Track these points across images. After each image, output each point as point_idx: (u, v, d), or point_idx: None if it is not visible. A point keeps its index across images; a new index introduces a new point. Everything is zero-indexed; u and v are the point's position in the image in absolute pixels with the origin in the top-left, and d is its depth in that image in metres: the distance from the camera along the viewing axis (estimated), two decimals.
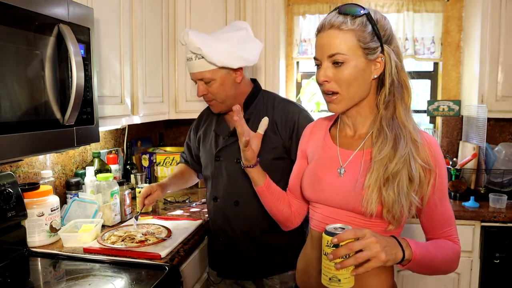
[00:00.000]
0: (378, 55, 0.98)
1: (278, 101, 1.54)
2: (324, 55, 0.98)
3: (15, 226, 1.37)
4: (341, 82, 0.98)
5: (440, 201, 1.00)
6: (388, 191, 0.94)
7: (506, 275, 2.05)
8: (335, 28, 0.96)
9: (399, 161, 0.94)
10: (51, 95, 1.15)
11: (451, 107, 2.61)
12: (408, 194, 0.94)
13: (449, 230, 1.03)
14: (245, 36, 1.50)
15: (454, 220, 1.05)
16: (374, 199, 0.95)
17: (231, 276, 1.57)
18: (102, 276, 1.23)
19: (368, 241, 0.84)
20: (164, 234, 1.53)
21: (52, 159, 1.75)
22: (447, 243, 1.02)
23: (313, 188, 1.10)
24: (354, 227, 0.98)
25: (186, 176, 1.80)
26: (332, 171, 1.06)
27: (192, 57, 1.44)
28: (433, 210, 1.01)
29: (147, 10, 1.96)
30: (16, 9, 1.01)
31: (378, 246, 0.84)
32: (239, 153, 1.50)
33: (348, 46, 0.95)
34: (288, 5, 2.73)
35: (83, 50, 1.27)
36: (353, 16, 0.96)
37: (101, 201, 1.65)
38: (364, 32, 0.96)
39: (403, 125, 0.98)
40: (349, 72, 0.97)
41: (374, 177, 0.95)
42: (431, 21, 2.61)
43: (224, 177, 1.52)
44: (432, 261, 0.97)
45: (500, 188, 2.28)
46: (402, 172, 0.94)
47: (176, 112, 2.31)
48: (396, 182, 0.94)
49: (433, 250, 0.98)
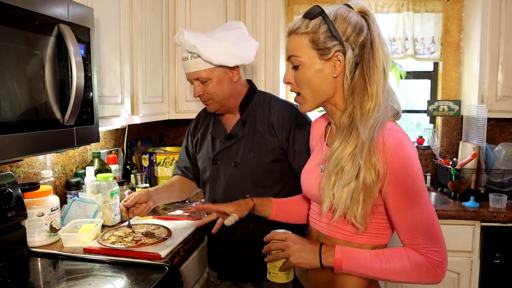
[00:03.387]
0: (334, 54, 0.97)
1: (274, 102, 1.52)
2: (286, 59, 1.05)
3: (15, 226, 1.37)
4: (300, 83, 1.02)
5: (406, 206, 0.94)
6: (336, 189, 0.96)
7: (506, 275, 2.05)
8: (293, 33, 1.01)
9: (343, 159, 0.95)
10: (51, 95, 1.15)
11: (451, 107, 2.62)
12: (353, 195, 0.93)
13: (414, 239, 0.95)
14: (241, 35, 1.48)
15: (431, 229, 0.95)
16: (327, 197, 0.98)
17: (230, 278, 1.57)
18: (102, 276, 1.23)
19: (284, 244, 1.02)
20: (164, 234, 1.53)
21: (52, 159, 1.75)
22: (402, 254, 0.96)
23: (304, 185, 1.15)
24: (329, 222, 1.04)
25: (179, 188, 1.68)
26: (317, 168, 1.09)
27: (188, 56, 1.43)
28: (396, 214, 0.96)
29: (147, 10, 1.96)
30: (16, 9, 1.01)
31: (291, 249, 1.00)
32: (236, 156, 1.50)
33: (302, 49, 0.99)
34: (288, 5, 2.73)
35: (83, 50, 1.27)
36: (308, 19, 0.99)
37: (101, 201, 1.65)
38: (317, 33, 0.97)
39: (355, 126, 0.95)
40: (305, 74, 1.00)
41: (327, 174, 0.99)
42: (431, 21, 2.61)
43: (221, 181, 1.51)
44: (369, 270, 0.97)
45: (500, 188, 2.28)
46: (346, 171, 0.94)
47: (176, 112, 2.31)
48: (340, 180, 0.95)
49: (372, 261, 0.96)
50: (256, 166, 1.45)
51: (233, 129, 1.51)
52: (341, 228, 1.03)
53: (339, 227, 1.03)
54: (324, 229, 1.07)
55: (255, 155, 1.45)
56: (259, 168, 1.45)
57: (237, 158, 1.47)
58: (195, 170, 1.69)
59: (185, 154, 1.72)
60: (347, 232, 1.02)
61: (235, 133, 1.50)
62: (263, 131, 1.46)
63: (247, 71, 2.25)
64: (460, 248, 2.08)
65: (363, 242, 1.02)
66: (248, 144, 1.47)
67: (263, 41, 2.22)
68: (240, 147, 1.48)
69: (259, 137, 1.46)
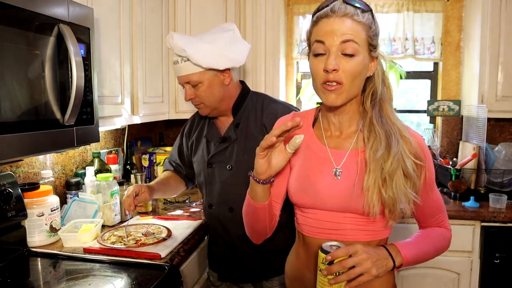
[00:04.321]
0: (377, 54, 0.98)
1: (267, 102, 1.51)
2: (336, 41, 0.91)
3: (15, 226, 1.37)
4: (347, 73, 0.92)
5: (430, 191, 1.03)
6: (388, 191, 0.94)
7: (506, 275, 2.05)
8: (348, 17, 0.91)
9: (394, 160, 0.94)
10: (51, 95, 1.15)
11: (451, 107, 2.61)
12: (406, 191, 0.95)
13: (439, 217, 1.08)
14: (232, 37, 1.47)
15: (443, 206, 1.09)
16: (375, 201, 0.94)
17: (230, 279, 1.57)
18: (102, 276, 1.23)
19: (359, 258, 0.89)
20: (164, 234, 1.53)
21: (52, 159, 1.75)
22: (437, 232, 1.07)
23: (306, 194, 1.03)
24: (354, 227, 1.00)
25: (173, 184, 1.69)
26: (326, 174, 1.01)
27: (178, 60, 1.42)
28: (425, 201, 1.02)
29: (147, 10, 1.96)
30: (16, 9, 1.01)
31: (369, 262, 0.90)
32: (230, 159, 1.49)
33: (360, 37, 0.92)
34: (288, 5, 2.73)
35: (83, 50, 1.27)
36: (362, 10, 0.93)
37: (101, 201, 1.65)
38: (371, 28, 0.95)
39: (392, 123, 0.98)
40: (356, 65, 0.93)
41: (372, 178, 0.95)
42: (431, 21, 2.61)
43: (217, 184, 1.50)
44: (425, 256, 1.03)
45: (500, 188, 2.28)
46: (398, 171, 0.94)
47: (176, 112, 2.31)
48: (394, 182, 0.94)
49: (425, 246, 1.03)
50: (250, 169, 1.44)
51: (227, 132, 1.51)
52: (363, 229, 1.00)
53: (361, 229, 1.00)
54: (337, 235, 1.00)
55: (249, 157, 1.44)
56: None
57: (231, 161, 1.47)
58: (187, 171, 1.69)
59: (178, 154, 1.71)
60: (370, 231, 1.01)
61: (228, 136, 1.49)
62: (256, 133, 1.45)
63: (247, 71, 2.25)
64: (460, 248, 2.08)
65: (379, 238, 1.02)
66: (241, 147, 1.46)
67: (263, 41, 2.22)
68: (234, 150, 1.48)
69: (252, 139, 1.45)
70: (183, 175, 1.71)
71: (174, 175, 1.72)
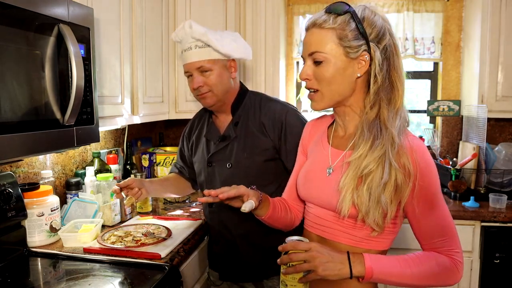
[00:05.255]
0: (361, 54, 0.96)
1: (264, 101, 1.53)
2: (306, 53, 1.00)
3: (15, 226, 1.37)
4: (320, 80, 0.99)
5: (429, 210, 0.96)
6: (359, 191, 0.93)
7: (506, 275, 2.05)
8: (317, 27, 0.98)
9: (372, 162, 0.93)
10: (51, 95, 1.15)
11: (451, 107, 2.61)
12: (380, 198, 0.92)
13: (439, 242, 0.97)
14: (238, 36, 1.55)
15: (450, 231, 0.97)
16: (347, 200, 0.94)
17: (231, 278, 1.57)
18: (102, 276, 1.23)
19: (308, 254, 0.92)
20: (164, 234, 1.53)
21: (52, 159, 1.75)
22: (432, 257, 0.96)
23: (305, 188, 1.10)
24: (339, 228, 1.01)
25: (174, 183, 1.70)
26: (322, 171, 1.06)
27: (192, 46, 1.43)
28: (419, 219, 0.97)
29: (147, 10, 1.96)
30: (16, 9, 1.01)
31: (317, 261, 0.91)
32: (230, 157, 1.49)
33: (327, 44, 0.96)
34: (288, 5, 2.73)
35: (83, 50, 1.27)
36: (335, 15, 0.96)
37: (101, 201, 1.65)
38: (345, 30, 0.95)
39: (384, 127, 0.96)
40: (328, 71, 0.97)
41: (349, 178, 0.95)
42: (431, 21, 2.61)
43: (217, 183, 1.50)
44: (402, 278, 0.94)
45: (500, 188, 2.28)
46: (375, 174, 0.93)
47: (176, 112, 2.31)
48: (367, 183, 0.93)
49: (405, 267, 0.94)
50: (249, 167, 1.45)
51: (226, 130, 1.52)
52: (349, 233, 1.00)
53: (347, 232, 1.00)
54: (328, 233, 1.04)
55: (248, 155, 1.45)
56: (253, 168, 1.45)
57: (231, 159, 1.48)
58: (190, 172, 1.71)
59: (180, 157, 1.74)
60: (355, 237, 1.00)
61: (228, 134, 1.50)
62: (255, 131, 1.47)
63: (247, 71, 2.25)
64: None
65: (368, 247, 1.00)
66: (241, 145, 1.47)
67: (263, 41, 2.22)
68: (233, 148, 1.48)
69: (251, 137, 1.46)
70: (187, 176, 1.73)
71: (178, 176, 1.74)
